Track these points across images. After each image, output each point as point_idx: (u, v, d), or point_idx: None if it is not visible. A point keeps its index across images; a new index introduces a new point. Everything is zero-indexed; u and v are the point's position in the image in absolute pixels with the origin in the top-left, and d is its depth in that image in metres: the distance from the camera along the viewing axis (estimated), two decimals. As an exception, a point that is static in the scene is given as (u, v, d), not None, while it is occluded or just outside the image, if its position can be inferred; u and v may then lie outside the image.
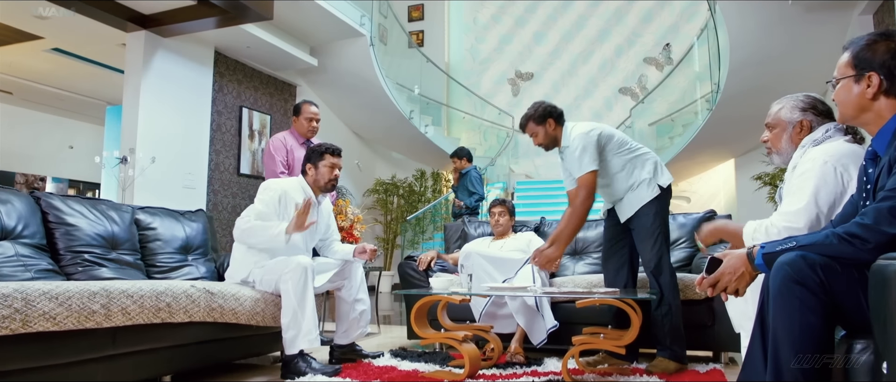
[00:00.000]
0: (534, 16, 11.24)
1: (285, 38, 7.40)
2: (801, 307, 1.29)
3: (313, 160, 3.14)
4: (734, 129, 8.04)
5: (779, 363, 1.33)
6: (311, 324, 2.77)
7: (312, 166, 3.14)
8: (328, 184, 3.15)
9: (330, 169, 3.14)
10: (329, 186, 3.16)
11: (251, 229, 2.85)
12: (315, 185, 3.14)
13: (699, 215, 3.73)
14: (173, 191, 6.32)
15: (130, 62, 6.20)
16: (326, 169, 3.13)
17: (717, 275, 1.54)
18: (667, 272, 2.91)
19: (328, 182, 3.14)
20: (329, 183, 3.15)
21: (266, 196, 3.00)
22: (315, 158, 3.14)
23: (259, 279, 2.90)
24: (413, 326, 2.86)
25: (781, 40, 6.69)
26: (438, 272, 3.79)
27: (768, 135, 2.16)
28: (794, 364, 1.31)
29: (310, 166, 3.15)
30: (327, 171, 3.13)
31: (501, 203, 3.97)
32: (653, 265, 2.90)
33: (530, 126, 3.10)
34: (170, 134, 6.35)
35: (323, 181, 3.13)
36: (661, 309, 2.87)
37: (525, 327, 3.19)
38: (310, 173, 3.14)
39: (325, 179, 3.13)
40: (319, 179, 3.13)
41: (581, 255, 3.92)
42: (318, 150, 3.16)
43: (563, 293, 2.88)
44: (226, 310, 2.50)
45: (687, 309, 3.14)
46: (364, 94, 8.57)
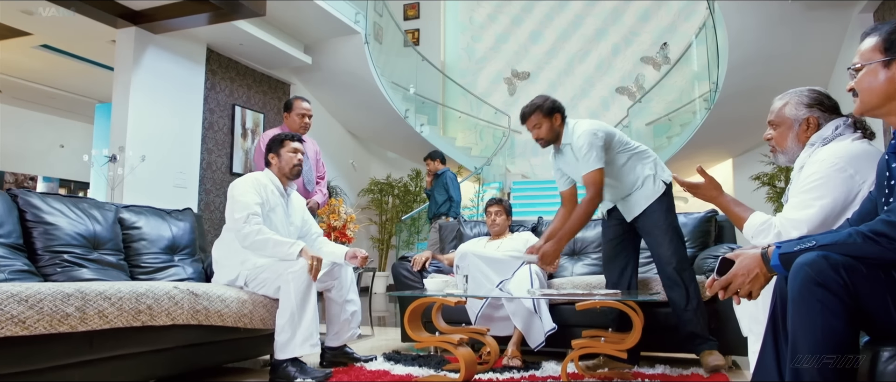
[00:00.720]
0: (530, 15, 11.16)
1: (279, 35, 7.29)
2: (822, 310, 1.20)
3: (275, 149, 3.09)
4: (732, 128, 7.97)
5: (799, 370, 1.23)
6: (312, 329, 2.67)
7: (275, 155, 3.09)
8: (294, 170, 3.09)
9: (293, 154, 3.08)
10: (295, 172, 3.09)
11: (265, 242, 2.76)
12: (281, 173, 3.09)
13: (701, 214, 3.64)
14: (164, 190, 6.21)
15: (120, 59, 6.09)
16: (290, 155, 3.07)
17: (729, 277, 1.44)
18: (688, 267, 2.88)
19: (293, 168, 3.08)
20: (294, 169, 3.09)
21: (249, 189, 2.91)
22: (276, 146, 3.10)
23: (252, 279, 2.79)
24: (407, 329, 2.76)
25: (781, 39, 6.62)
26: (433, 272, 3.69)
27: (772, 133, 2.06)
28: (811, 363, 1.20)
29: (272, 156, 3.10)
30: (291, 156, 3.07)
31: (498, 203, 3.88)
32: (674, 261, 2.85)
33: (535, 117, 3.00)
34: (160, 132, 6.23)
35: (288, 168, 3.07)
36: (690, 305, 2.84)
37: (522, 329, 3.09)
38: (273, 162, 3.09)
39: (289, 165, 3.07)
40: (284, 165, 3.07)
41: (579, 255, 3.83)
42: (278, 138, 3.12)
43: (562, 295, 2.78)
44: (211, 312, 2.39)
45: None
46: (359, 92, 8.47)
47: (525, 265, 3.24)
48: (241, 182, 2.94)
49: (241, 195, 2.87)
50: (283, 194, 3.08)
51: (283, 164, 3.07)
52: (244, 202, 2.83)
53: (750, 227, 1.86)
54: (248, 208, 2.81)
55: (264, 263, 2.80)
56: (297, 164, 3.08)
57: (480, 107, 10.82)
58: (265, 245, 2.76)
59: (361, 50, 7.89)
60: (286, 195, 3.11)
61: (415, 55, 9.79)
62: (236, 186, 2.93)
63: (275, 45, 7.15)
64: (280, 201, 3.04)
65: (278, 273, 2.68)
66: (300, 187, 3.94)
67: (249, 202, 2.83)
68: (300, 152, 3.11)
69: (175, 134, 6.42)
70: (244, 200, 2.84)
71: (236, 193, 2.89)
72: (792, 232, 1.75)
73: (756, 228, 1.84)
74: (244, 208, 2.82)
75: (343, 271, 3.08)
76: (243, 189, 2.90)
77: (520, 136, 10.67)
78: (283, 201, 3.07)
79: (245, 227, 2.77)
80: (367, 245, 9.74)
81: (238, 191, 2.89)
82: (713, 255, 3.12)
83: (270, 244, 2.76)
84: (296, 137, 3.12)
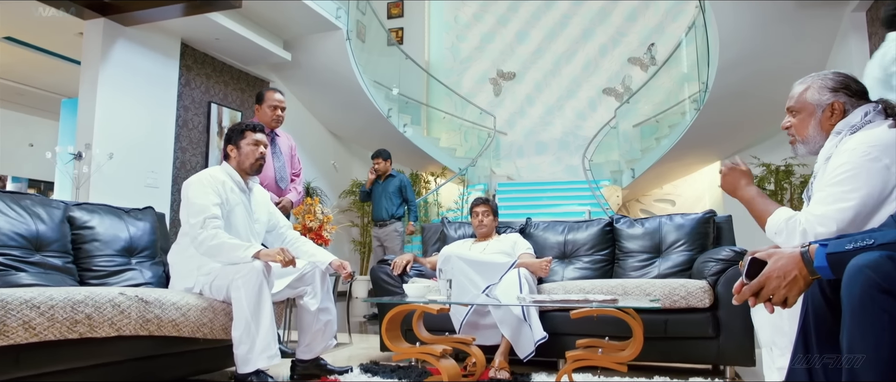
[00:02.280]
0: (516, 14, 10.97)
1: (257, 30, 7.02)
2: (890, 323, 0.98)
3: (234, 140, 2.81)
4: (722, 129, 7.83)
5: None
6: (269, 338, 2.42)
7: (234, 147, 2.81)
8: (255, 165, 2.81)
9: (255, 147, 2.80)
10: (256, 166, 2.82)
11: (220, 246, 2.49)
12: (240, 168, 2.81)
13: (698, 215, 3.44)
14: (134, 190, 5.92)
15: (88, 51, 5.79)
16: (251, 148, 2.80)
17: (761, 280, 1.21)
18: None
19: (254, 163, 2.81)
20: (256, 164, 2.81)
21: (205, 189, 2.63)
22: (235, 137, 2.82)
23: (207, 285, 2.54)
24: (384, 339, 2.52)
25: (772, 38, 6.48)
26: (415, 277, 3.45)
27: (791, 121, 1.84)
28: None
29: (231, 148, 2.82)
30: (252, 149, 2.80)
31: (485, 202, 3.65)
32: None
33: None
34: (131, 129, 5.94)
35: (248, 162, 2.80)
36: None
37: (510, 339, 2.86)
38: (232, 155, 2.81)
39: (250, 159, 2.80)
40: (244, 160, 2.80)
41: (571, 258, 3.60)
42: (238, 128, 2.84)
43: (555, 302, 2.55)
44: (164, 322, 2.14)
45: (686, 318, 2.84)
46: (340, 91, 8.22)
47: (513, 269, 3.01)
48: (195, 181, 2.67)
49: (197, 197, 2.59)
50: (245, 189, 2.82)
51: (243, 157, 2.80)
52: (201, 205, 2.57)
53: (773, 224, 1.65)
54: (204, 212, 2.55)
55: (216, 268, 2.54)
56: (258, 158, 2.81)
57: (465, 107, 10.60)
58: (220, 250, 2.50)
59: (343, 47, 7.64)
60: (248, 191, 2.85)
61: (398, 55, 9.55)
62: (191, 185, 2.65)
63: (253, 40, 6.88)
64: (241, 199, 2.78)
65: (229, 278, 2.43)
66: (273, 184, 3.68)
67: (206, 205, 2.57)
68: (263, 144, 2.84)
69: (147, 132, 6.13)
70: (201, 202, 2.57)
71: (191, 194, 2.61)
72: (819, 230, 1.54)
73: (779, 225, 1.62)
74: (200, 211, 2.55)
75: (317, 275, 2.83)
76: (199, 190, 2.62)
77: (505, 137, 10.47)
78: (244, 197, 2.81)
79: (201, 232, 2.51)
80: (347, 248, 9.47)
81: (193, 192, 2.62)
82: (714, 258, 2.92)
83: (225, 249, 2.50)
84: (258, 128, 2.85)
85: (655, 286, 2.88)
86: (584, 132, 10.21)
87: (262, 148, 2.83)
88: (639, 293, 2.87)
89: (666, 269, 3.28)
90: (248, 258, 2.47)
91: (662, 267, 3.30)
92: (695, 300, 2.81)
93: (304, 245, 2.97)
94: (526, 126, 10.46)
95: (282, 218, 3.07)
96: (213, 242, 2.49)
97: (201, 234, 2.51)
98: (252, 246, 2.52)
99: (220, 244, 2.49)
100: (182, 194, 2.66)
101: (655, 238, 3.43)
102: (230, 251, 2.49)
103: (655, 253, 3.41)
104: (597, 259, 3.54)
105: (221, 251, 2.50)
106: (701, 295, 2.80)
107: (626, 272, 3.42)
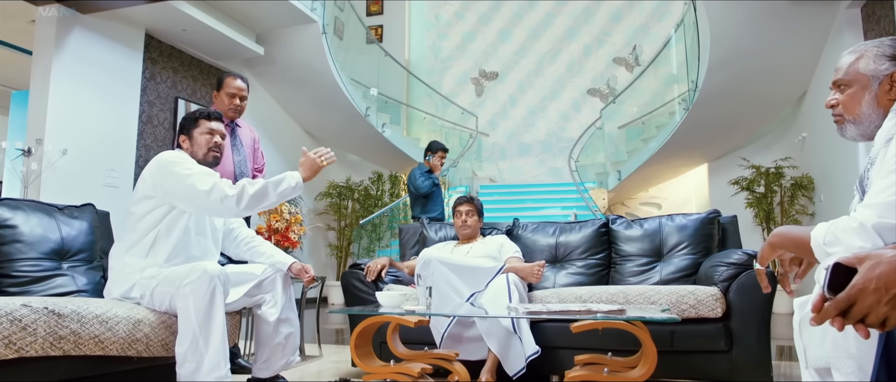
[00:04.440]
0: (499, 13, 10.69)
1: (227, 22, 6.63)
2: None
3: (187, 130, 2.51)
4: (710, 131, 7.61)
5: None
6: (219, 356, 2.05)
7: (186, 138, 2.50)
8: (209, 156, 2.48)
9: (209, 136, 2.48)
10: (210, 158, 2.49)
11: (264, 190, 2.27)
12: (194, 159, 2.48)
13: (701, 215, 3.14)
14: (91, 189, 5.51)
15: (40, 40, 5.38)
16: (205, 137, 2.47)
17: (851, 294, 0.88)
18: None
19: (208, 153, 2.48)
20: (209, 154, 2.48)
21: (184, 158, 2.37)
22: (188, 126, 2.51)
23: (148, 293, 2.17)
24: (353, 356, 2.17)
25: (765, 35, 6.26)
26: (390, 283, 3.11)
27: (838, 97, 1.52)
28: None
29: (183, 139, 2.51)
30: (206, 139, 2.47)
31: (469, 201, 3.33)
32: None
33: None
34: (88, 125, 5.53)
35: (202, 153, 2.47)
36: None
37: (498, 353, 2.53)
38: (185, 147, 2.49)
39: (203, 149, 2.47)
40: (197, 151, 2.47)
41: (563, 263, 3.28)
42: (192, 116, 2.52)
43: (553, 314, 2.17)
44: (83, 338, 1.77)
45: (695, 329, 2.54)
46: (316, 88, 7.85)
47: (501, 275, 2.68)
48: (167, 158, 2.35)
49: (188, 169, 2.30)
50: None
51: (196, 148, 2.46)
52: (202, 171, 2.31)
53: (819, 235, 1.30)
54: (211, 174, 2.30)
55: (160, 273, 2.18)
56: (213, 147, 2.48)
57: (446, 108, 10.28)
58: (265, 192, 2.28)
59: (319, 41, 7.29)
60: None
61: (377, 53, 9.21)
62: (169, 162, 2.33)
63: (223, 32, 6.49)
64: None
65: (177, 285, 2.07)
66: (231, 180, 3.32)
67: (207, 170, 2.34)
68: (219, 133, 2.51)
69: (106, 127, 5.72)
70: (198, 169, 2.32)
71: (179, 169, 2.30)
72: (883, 222, 1.22)
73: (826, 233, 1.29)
74: (205, 175, 2.28)
75: (277, 281, 2.47)
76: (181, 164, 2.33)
77: (487, 138, 10.17)
78: None
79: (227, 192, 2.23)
80: (323, 253, 9.08)
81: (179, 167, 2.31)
82: (724, 261, 2.62)
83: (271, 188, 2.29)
84: (214, 115, 2.52)
85: (661, 294, 2.57)
86: (567, 134, 9.95)
87: (217, 138, 2.49)
88: (642, 302, 2.56)
89: (668, 274, 2.98)
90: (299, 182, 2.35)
91: (664, 272, 2.99)
92: (705, 308, 2.50)
93: (261, 246, 2.62)
94: (508, 127, 10.17)
95: (240, 220, 2.71)
96: (251, 190, 2.26)
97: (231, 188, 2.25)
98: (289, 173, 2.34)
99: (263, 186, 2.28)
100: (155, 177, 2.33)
101: (656, 241, 3.12)
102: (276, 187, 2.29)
103: (656, 257, 3.10)
104: (591, 264, 3.22)
105: (267, 192, 2.28)
106: (712, 304, 2.50)
107: (624, 277, 3.11)
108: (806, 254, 1.40)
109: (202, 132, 2.46)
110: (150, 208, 2.30)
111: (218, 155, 2.49)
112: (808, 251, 1.35)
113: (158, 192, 2.29)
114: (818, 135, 6.85)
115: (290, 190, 2.29)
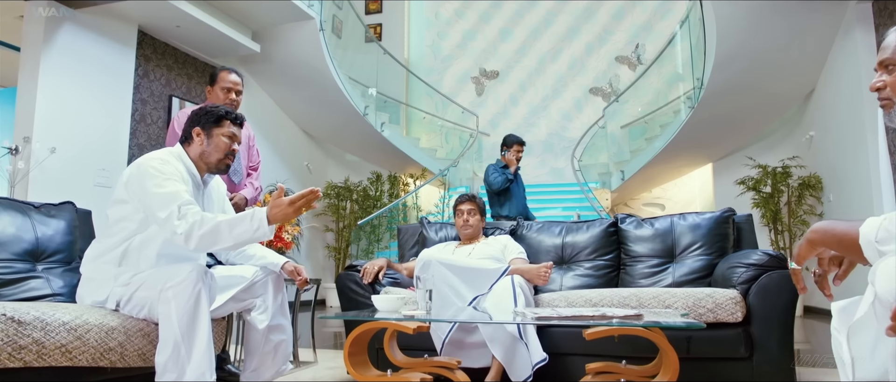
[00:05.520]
0: (499, 11, 10.53)
1: (222, 18, 6.48)
2: None
3: (205, 125, 2.21)
4: (716, 129, 7.45)
5: None
6: (204, 365, 1.89)
7: (203, 133, 2.20)
8: (222, 163, 2.23)
9: (230, 141, 2.22)
10: (222, 166, 2.24)
11: (217, 229, 1.92)
12: (202, 160, 2.22)
13: (716, 214, 2.98)
14: (82, 188, 5.36)
15: (28, 35, 5.23)
16: (224, 141, 2.20)
17: None
18: None
19: (224, 159, 2.22)
20: (223, 162, 2.23)
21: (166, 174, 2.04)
22: (208, 123, 2.21)
23: (124, 299, 2.01)
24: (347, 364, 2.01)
25: (772, 31, 6.11)
26: (388, 286, 2.95)
27: (885, 79, 1.36)
28: None
29: (198, 132, 2.21)
30: (226, 144, 2.21)
31: (470, 199, 3.17)
32: None
33: None
34: (78, 123, 5.38)
35: (216, 158, 2.20)
36: None
37: (503, 361, 2.37)
38: (198, 142, 2.20)
39: (220, 154, 2.20)
40: (212, 152, 2.20)
41: (570, 264, 3.12)
42: (216, 112, 2.22)
43: (564, 319, 2.00)
44: (48, 348, 1.61)
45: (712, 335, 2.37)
46: (314, 86, 7.69)
47: (505, 277, 2.52)
48: (147, 166, 2.06)
49: (159, 186, 2.00)
50: (199, 184, 2.25)
51: (211, 149, 2.20)
52: (167, 193, 1.98)
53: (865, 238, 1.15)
54: (175, 198, 1.97)
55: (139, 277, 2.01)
56: (229, 154, 2.23)
57: (446, 107, 10.12)
58: (218, 233, 1.92)
59: (316, 38, 7.13)
60: (202, 187, 2.28)
61: (376, 52, 9.05)
62: (144, 174, 2.04)
63: (217, 29, 6.34)
64: (194, 196, 2.19)
65: (158, 288, 1.90)
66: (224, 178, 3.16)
67: (175, 191, 2.00)
68: (238, 141, 2.26)
69: (97, 126, 5.57)
70: (166, 190, 1.99)
71: (150, 183, 2.01)
72: None
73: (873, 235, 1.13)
74: (169, 199, 1.97)
75: (269, 284, 2.31)
76: (157, 177, 2.02)
77: (488, 138, 10.01)
78: (198, 194, 2.24)
79: (180, 224, 1.92)
80: (321, 255, 8.92)
81: (151, 180, 2.01)
82: (743, 262, 2.45)
83: (223, 229, 1.92)
84: (238, 119, 2.27)
85: (676, 297, 2.41)
86: (569, 134, 9.80)
87: (236, 145, 2.25)
88: (657, 305, 2.39)
89: (682, 276, 2.82)
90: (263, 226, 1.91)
91: (678, 274, 2.83)
92: (724, 312, 2.34)
93: (251, 248, 2.44)
94: (509, 127, 9.99)
95: None
96: (205, 227, 1.91)
97: (180, 225, 1.92)
98: (256, 212, 1.93)
99: (215, 226, 1.92)
100: (130, 184, 2.07)
101: (668, 241, 2.96)
102: (231, 228, 1.92)
103: (668, 258, 2.94)
104: (599, 265, 3.06)
105: (220, 234, 1.92)
106: (732, 307, 2.34)
107: (634, 279, 2.94)
108: (851, 253, 1.24)
109: (224, 134, 2.21)
110: (126, 214, 2.09)
111: (229, 164, 2.27)
112: (853, 250, 1.20)
113: (133, 199, 2.07)
114: (827, 133, 6.69)
115: (250, 234, 1.93)
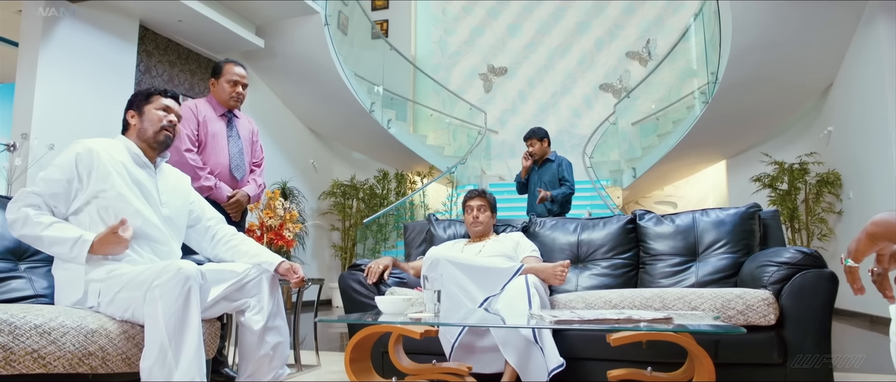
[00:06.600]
0: (507, 7, 10.36)
1: (226, 13, 6.35)
2: None
3: (136, 106, 2.18)
4: (729, 126, 7.27)
5: None
6: (193, 370, 1.74)
7: (135, 114, 2.16)
8: (160, 135, 2.15)
9: (164, 113, 2.16)
10: (162, 137, 2.15)
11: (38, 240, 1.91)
12: (141, 139, 2.15)
13: (740, 209, 2.81)
14: (81, 187, 5.22)
15: (26, 30, 5.12)
16: (158, 113, 2.15)
17: None
18: None
19: (160, 132, 2.14)
20: (162, 133, 2.15)
21: (58, 161, 2.01)
22: (138, 103, 2.18)
23: (105, 298, 1.87)
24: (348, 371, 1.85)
25: (790, 24, 5.93)
26: (394, 286, 2.79)
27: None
28: None
29: (131, 114, 2.17)
30: (159, 116, 2.15)
31: (480, 195, 3.01)
32: None
33: None
34: (77, 119, 5.27)
35: (152, 131, 2.13)
36: None
37: (516, 366, 2.21)
38: (133, 124, 2.16)
39: (155, 127, 2.13)
40: (147, 127, 2.13)
41: (586, 263, 2.95)
42: (142, 92, 2.20)
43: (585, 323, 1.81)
44: (18, 354, 1.47)
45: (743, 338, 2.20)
46: (319, 83, 7.56)
47: (519, 276, 2.36)
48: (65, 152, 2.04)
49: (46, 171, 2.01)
50: (145, 164, 2.14)
51: (147, 124, 2.14)
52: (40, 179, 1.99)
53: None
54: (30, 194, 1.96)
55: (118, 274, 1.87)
56: (166, 127, 2.16)
57: (454, 104, 9.97)
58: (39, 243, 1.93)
59: (321, 33, 7.00)
60: (151, 167, 2.17)
61: (382, 49, 8.90)
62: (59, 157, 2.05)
63: (221, 23, 6.22)
64: (142, 178, 2.09)
65: (144, 287, 1.76)
66: (226, 173, 3.02)
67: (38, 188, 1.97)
68: (173, 112, 2.20)
69: (98, 122, 5.44)
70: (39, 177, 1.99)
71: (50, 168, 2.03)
72: None
73: None
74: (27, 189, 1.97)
75: (263, 283, 2.16)
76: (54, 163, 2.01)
77: (496, 135, 9.85)
78: (145, 174, 2.13)
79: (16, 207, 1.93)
80: (327, 254, 8.78)
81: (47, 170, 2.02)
82: (774, 261, 2.28)
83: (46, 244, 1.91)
84: (169, 93, 2.23)
85: (703, 298, 2.25)
86: (579, 131, 9.62)
87: (172, 117, 2.18)
88: (682, 307, 2.23)
89: (706, 275, 2.65)
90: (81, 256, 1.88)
91: (701, 273, 2.66)
92: (756, 315, 2.17)
93: (244, 245, 2.29)
94: (518, 124, 9.83)
95: (209, 209, 2.39)
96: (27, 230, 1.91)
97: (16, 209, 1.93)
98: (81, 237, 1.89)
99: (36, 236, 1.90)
100: None
101: (690, 238, 2.79)
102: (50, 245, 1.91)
103: (691, 256, 2.77)
104: (617, 264, 2.89)
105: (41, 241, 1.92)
106: (764, 309, 2.17)
107: (654, 279, 2.78)
108: None
109: (157, 108, 2.16)
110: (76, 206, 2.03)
111: (170, 135, 2.17)
112: None
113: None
114: (845, 129, 6.49)
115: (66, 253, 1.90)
